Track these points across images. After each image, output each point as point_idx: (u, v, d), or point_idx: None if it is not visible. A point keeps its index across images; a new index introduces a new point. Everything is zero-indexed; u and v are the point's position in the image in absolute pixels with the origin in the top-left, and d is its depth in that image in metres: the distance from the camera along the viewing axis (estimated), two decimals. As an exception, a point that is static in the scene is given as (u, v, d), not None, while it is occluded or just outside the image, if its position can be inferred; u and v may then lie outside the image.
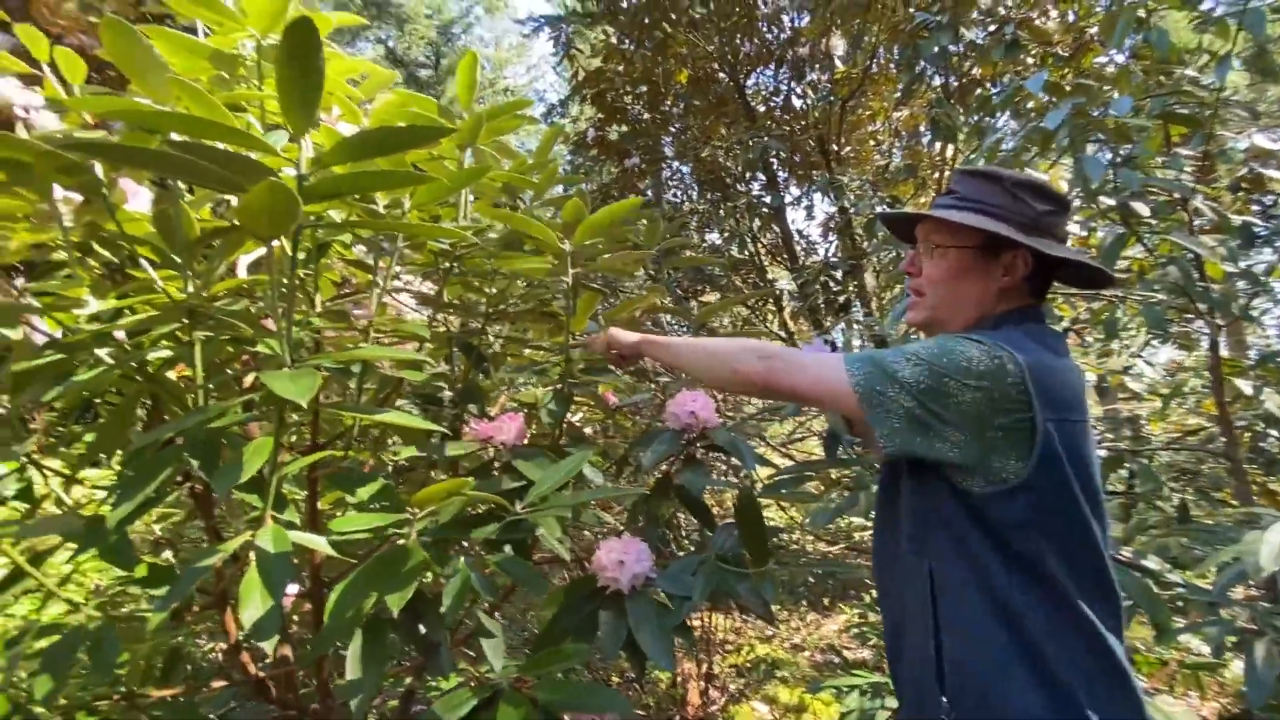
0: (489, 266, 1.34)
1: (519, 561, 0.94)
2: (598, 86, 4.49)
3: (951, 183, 0.98)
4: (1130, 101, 1.33)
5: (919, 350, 0.83)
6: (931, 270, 0.97)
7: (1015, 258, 0.92)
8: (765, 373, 0.91)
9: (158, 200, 0.87)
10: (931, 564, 0.85)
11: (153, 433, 0.74)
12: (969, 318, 0.94)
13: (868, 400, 0.82)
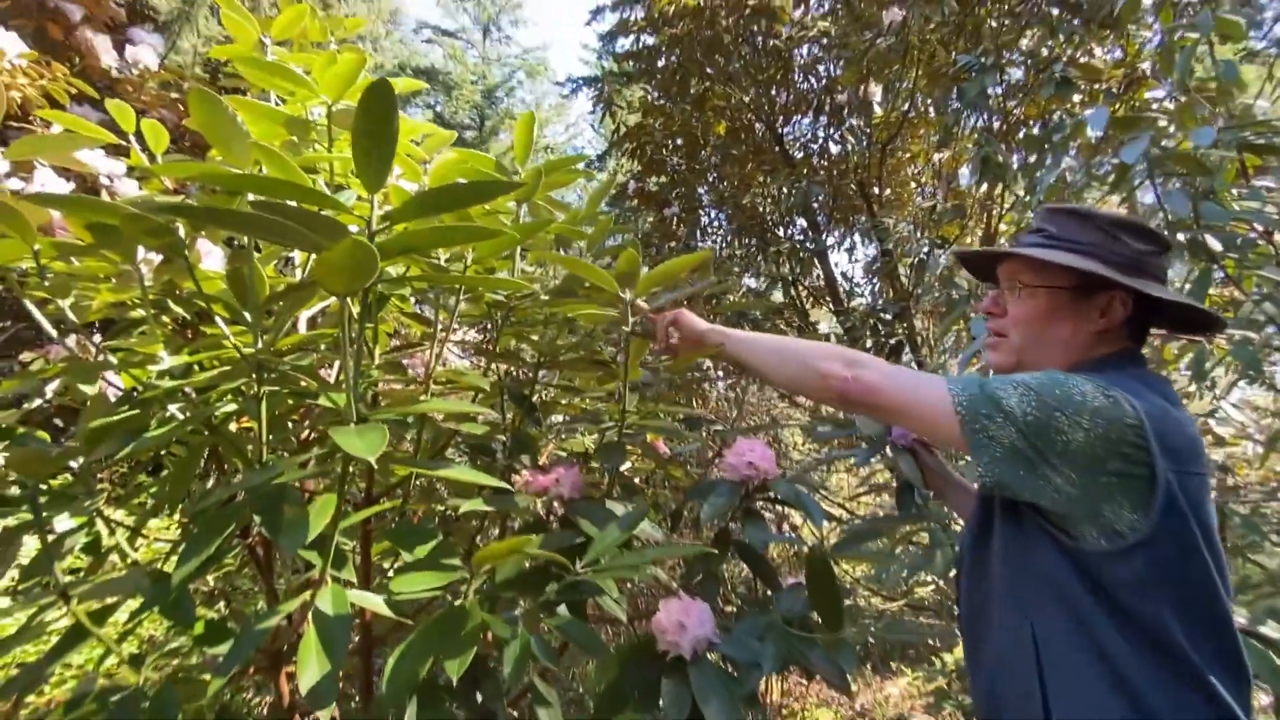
0: (540, 316, 1.35)
1: (578, 624, 0.90)
2: (637, 141, 4.61)
3: (1038, 221, 0.94)
4: (1213, 132, 1.28)
5: (1028, 380, 0.77)
6: (1018, 311, 0.91)
7: (1112, 299, 0.86)
8: (853, 381, 0.84)
9: (232, 259, 0.89)
10: (1035, 626, 0.77)
11: (219, 490, 0.74)
12: (1061, 362, 0.88)
13: (970, 425, 0.76)
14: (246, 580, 2.38)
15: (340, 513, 0.74)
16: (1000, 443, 0.74)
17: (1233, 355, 1.34)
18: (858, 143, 4.15)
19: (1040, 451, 0.73)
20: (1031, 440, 0.73)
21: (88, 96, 2.43)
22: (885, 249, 3.64)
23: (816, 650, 0.98)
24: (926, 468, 1.12)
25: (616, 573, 0.88)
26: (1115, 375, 0.81)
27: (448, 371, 1.15)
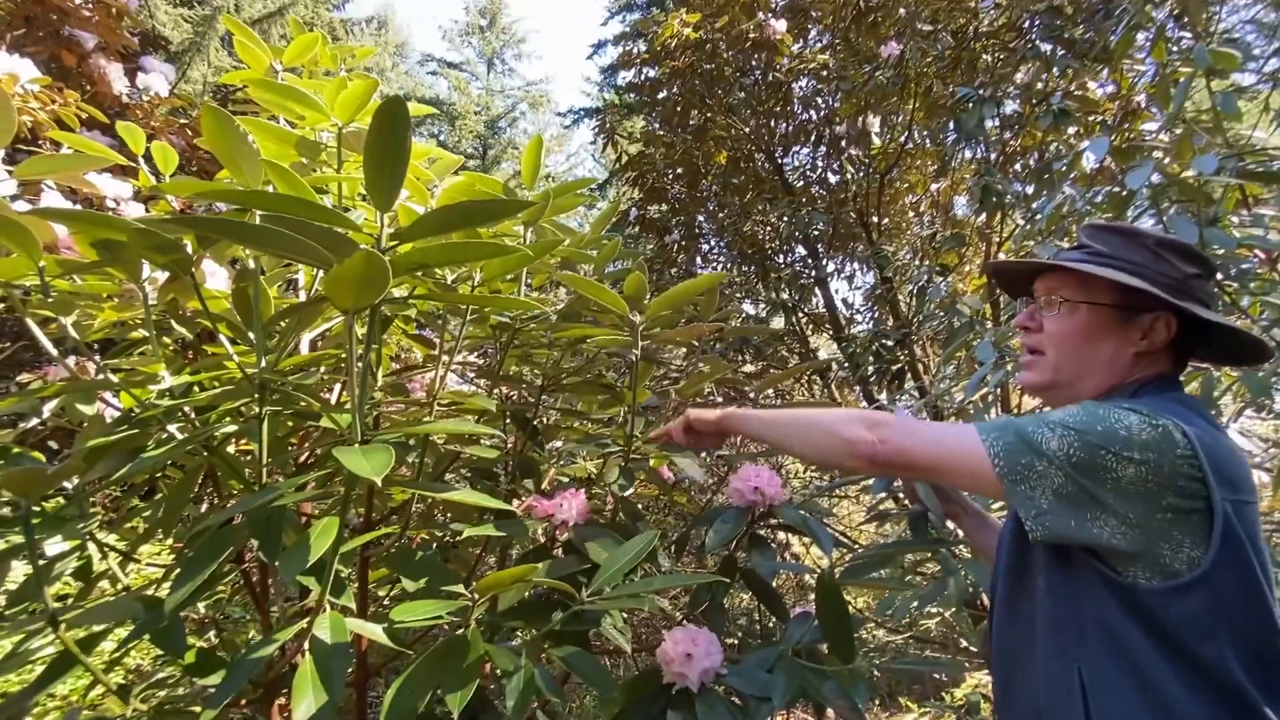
0: (546, 340, 1.34)
1: (585, 655, 0.87)
2: (638, 170, 4.67)
3: (1083, 237, 0.91)
4: (1215, 160, 1.29)
5: (1065, 418, 0.73)
6: (1056, 327, 0.88)
7: (1156, 320, 0.83)
8: (880, 444, 0.80)
9: (238, 278, 0.89)
10: (1082, 669, 0.73)
11: (218, 513, 0.72)
12: (1100, 383, 0.85)
13: (1010, 476, 0.72)
14: (238, 609, 2.32)
15: (341, 537, 0.71)
16: (1045, 492, 0.71)
17: (1242, 382, 1.33)
18: (856, 172, 4.21)
19: (1090, 494, 0.70)
20: (1079, 483, 0.70)
21: (97, 121, 2.46)
22: (885, 276, 3.66)
23: (829, 683, 0.95)
24: (940, 494, 1.10)
25: (623, 602, 0.86)
26: (1155, 400, 0.78)
27: (452, 393, 1.14)
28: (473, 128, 14.47)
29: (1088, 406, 0.75)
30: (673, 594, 2.42)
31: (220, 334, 0.91)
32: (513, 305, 0.92)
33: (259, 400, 0.85)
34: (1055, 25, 2.71)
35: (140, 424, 0.84)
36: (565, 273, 1.10)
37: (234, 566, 1.04)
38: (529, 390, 1.44)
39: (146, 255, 0.75)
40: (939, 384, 2.97)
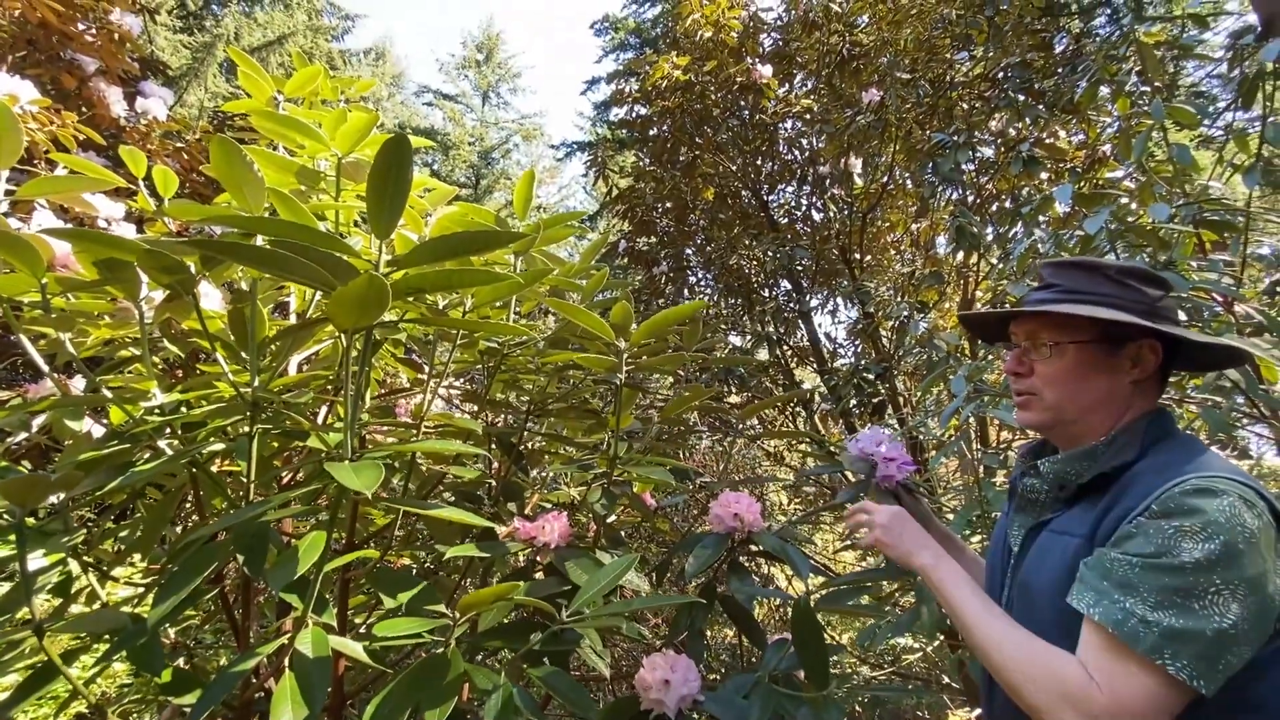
0: (533, 366, 1.37)
1: (562, 675, 0.88)
2: (628, 203, 4.78)
3: (1046, 275, 0.92)
4: (1168, 209, 1.37)
5: (1190, 556, 0.68)
6: (1048, 370, 0.88)
7: (1141, 348, 0.85)
8: (1048, 694, 0.72)
9: (235, 300, 0.91)
10: None
11: (204, 529, 0.74)
12: (1105, 418, 0.86)
13: (1212, 683, 0.66)
14: (209, 634, 2.28)
15: (328, 552, 0.73)
16: (1234, 664, 0.67)
17: (1203, 418, 1.38)
18: (839, 211, 4.34)
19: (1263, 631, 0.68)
20: (1263, 631, 0.68)
21: (94, 143, 2.49)
22: (867, 312, 3.75)
23: (803, 708, 0.96)
24: (912, 513, 1.12)
25: (601, 622, 0.87)
26: (1191, 455, 0.78)
27: (438, 416, 1.16)
28: (466, 158, 14.69)
29: (1219, 541, 0.68)
30: (653, 623, 2.41)
31: (216, 353, 0.93)
32: (502, 330, 0.95)
33: (250, 419, 0.87)
34: (1026, 77, 2.86)
35: (131, 439, 0.85)
36: (554, 299, 1.14)
37: (212, 588, 1.04)
38: (515, 415, 1.46)
39: (152, 275, 0.77)
40: (918, 416, 3.03)
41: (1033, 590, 0.85)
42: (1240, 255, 1.51)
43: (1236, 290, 1.44)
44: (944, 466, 4.01)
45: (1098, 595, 0.72)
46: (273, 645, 0.74)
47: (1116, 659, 0.69)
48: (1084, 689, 0.70)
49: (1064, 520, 0.86)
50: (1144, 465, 0.81)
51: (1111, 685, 0.68)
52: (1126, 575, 0.70)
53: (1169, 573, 0.68)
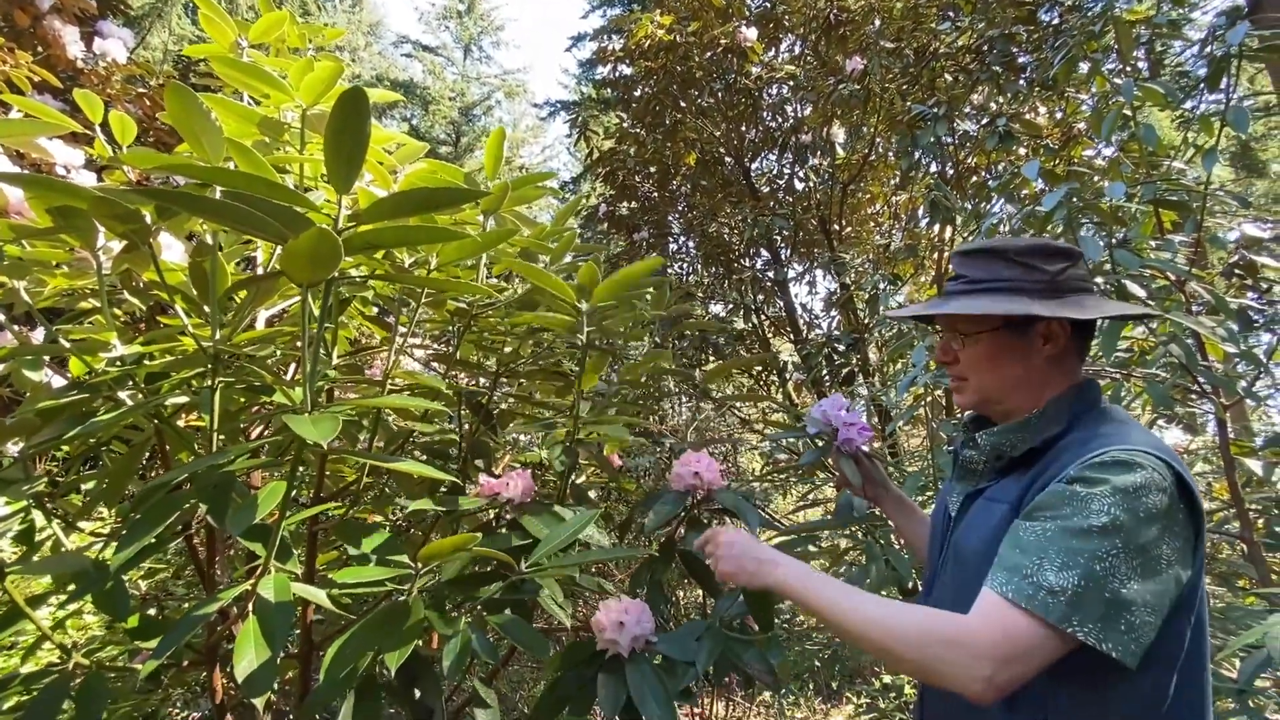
0: (503, 326, 1.38)
1: (521, 623, 0.92)
2: (610, 166, 4.72)
3: (955, 266, 0.97)
4: (1124, 187, 1.40)
5: (1095, 520, 0.72)
6: (968, 357, 0.94)
7: (1050, 326, 0.90)
8: (921, 648, 0.74)
9: (196, 252, 0.91)
10: (1047, 714, 0.77)
11: (166, 475, 0.75)
12: (1027, 396, 0.91)
13: (1098, 636, 0.70)
14: (181, 587, 2.30)
15: (288, 500, 0.75)
16: (1139, 632, 0.71)
17: (1147, 392, 1.45)
18: (820, 181, 4.34)
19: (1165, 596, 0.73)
20: (1163, 598, 0.72)
21: (50, 85, 2.39)
22: (843, 283, 3.79)
23: (750, 649, 1.02)
24: (867, 476, 1.17)
25: (559, 571, 0.91)
26: (1103, 426, 0.83)
27: (404, 374, 1.17)
28: (447, 114, 14.28)
29: (1118, 495, 0.73)
30: (618, 578, 2.49)
31: (176, 306, 0.93)
32: (464, 289, 0.96)
33: (212, 371, 0.87)
34: (1008, 51, 2.86)
35: (90, 389, 0.86)
36: (521, 262, 1.15)
37: (179, 535, 1.06)
38: (485, 376, 1.48)
39: (106, 223, 0.76)
40: (888, 388, 3.10)
41: (964, 555, 0.90)
42: (1195, 236, 1.56)
43: (1188, 271, 1.49)
44: (907, 435, 4.12)
45: (1009, 574, 0.74)
46: (235, 590, 0.76)
47: (1012, 608, 0.72)
48: (965, 628, 0.73)
49: (999, 489, 0.91)
50: (1072, 437, 0.85)
51: (1003, 624, 0.72)
52: (1037, 540, 0.75)
53: (1075, 535, 0.72)
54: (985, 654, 0.70)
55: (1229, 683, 1.11)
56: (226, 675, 1.02)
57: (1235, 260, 1.81)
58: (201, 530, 1.13)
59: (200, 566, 1.07)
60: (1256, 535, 1.58)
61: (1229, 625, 1.40)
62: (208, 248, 0.88)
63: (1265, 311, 1.91)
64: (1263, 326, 1.95)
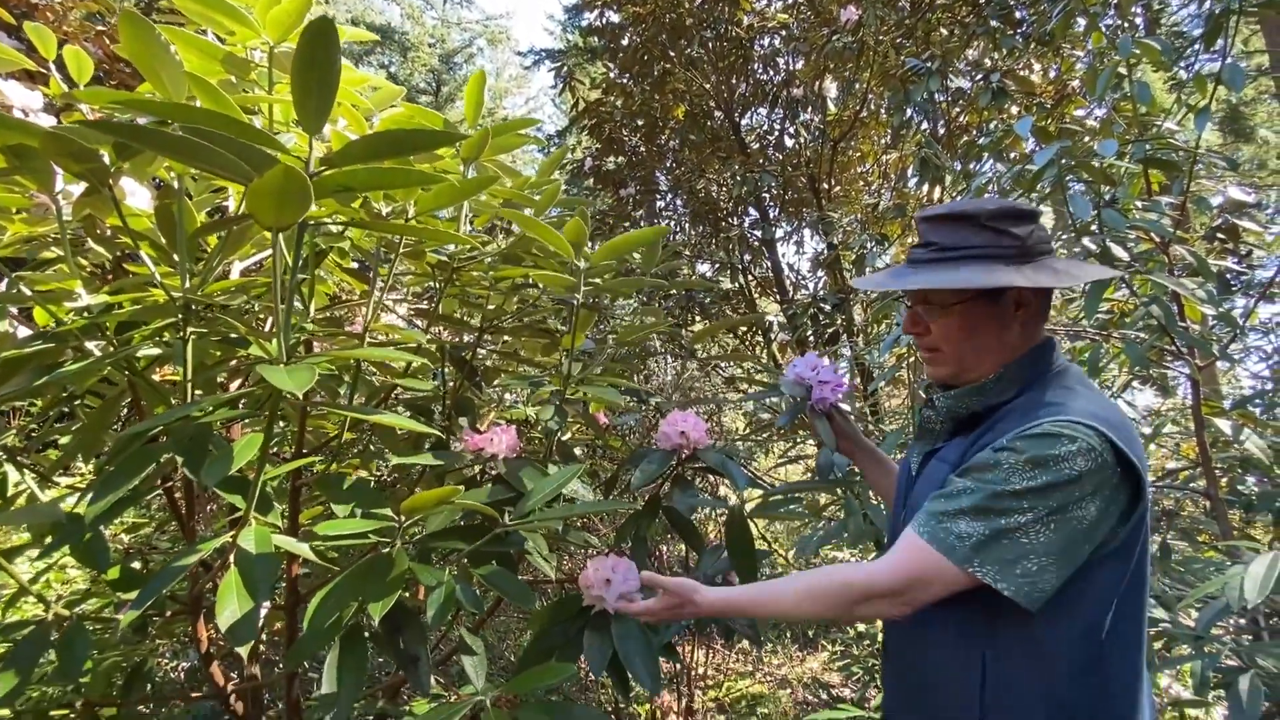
0: (486, 281, 1.35)
1: (505, 574, 0.92)
2: (596, 118, 4.59)
3: (923, 233, 0.93)
4: (1115, 145, 1.39)
5: (1015, 485, 0.77)
6: (941, 329, 0.92)
7: (1021, 292, 0.89)
8: (847, 605, 0.83)
9: (161, 195, 0.87)
10: (987, 652, 0.82)
11: (140, 425, 0.73)
12: (997, 364, 0.91)
13: (994, 576, 0.76)
14: (167, 541, 2.30)
15: (266, 452, 0.74)
16: (1034, 572, 0.76)
17: (1125, 353, 1.47)
18: (811, 138, 4.26)
19: (1074, 545, 0.77)
20: (1067, 548, 0.76)
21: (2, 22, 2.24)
22: (830, 243, 3.76)
23: (732, 605, 1.04)
24: (840, 433, 1.19)
25: (544, 523, 0.91)
26: (1053, 391, 0.85)
27: (384, 327, 1.15)
28: (426, 61, 13.72)
29: (1031, 453, 0.77)
30: (603, 532, 2.53)
31: (142, 253, 0.89)
32: (443, 239, 0.93)
33: (183, 322, 0.84)
34: (1006, 4, 2.78)
35: (56, 339, 0.83)
36: (510, 209, 1.11)
37: (158, 489, 1.05)
38: (469, 332, 1.46)
39: (60, 163, 0.72)
40: (873, 348, 3.13)
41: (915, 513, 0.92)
42: (1181, 199, 1.55)
43: (1173, 233, 1.49)
44: (888, 395, 4.18)
45: (927, 518, 0.81)
46: (215, 542, 0.75)
47: (924, 547, 0.79)
48: (873, 578, 0.81)
49: (949, 449, 0.93)
50: (1018, 403, 0.87)
51: (910, 561, 0.80)
52: (959, 494, 0.80)
53: (993, 497, 0.78)
54: (894, 590, 0.80)
55: (1187, 630, 1.16)
56: (212, 626, 1.02)
57: (1219, 224, 1.82)
58: (180, 484, 1.11)
59: (181, 519, 1.06)
60: (1220, 493, 1.64)
61: (1189, 577, 1.46)
62: (173, 191, 0.84)
63: (1244, 275, 1.94)
64: (1240, 290, 1.98)
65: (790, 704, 3.18)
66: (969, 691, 0.82)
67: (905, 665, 0.94)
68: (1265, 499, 1.53)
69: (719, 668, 3.46)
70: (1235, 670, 1.05)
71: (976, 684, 0.82)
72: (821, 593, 0.84)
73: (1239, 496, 1.71)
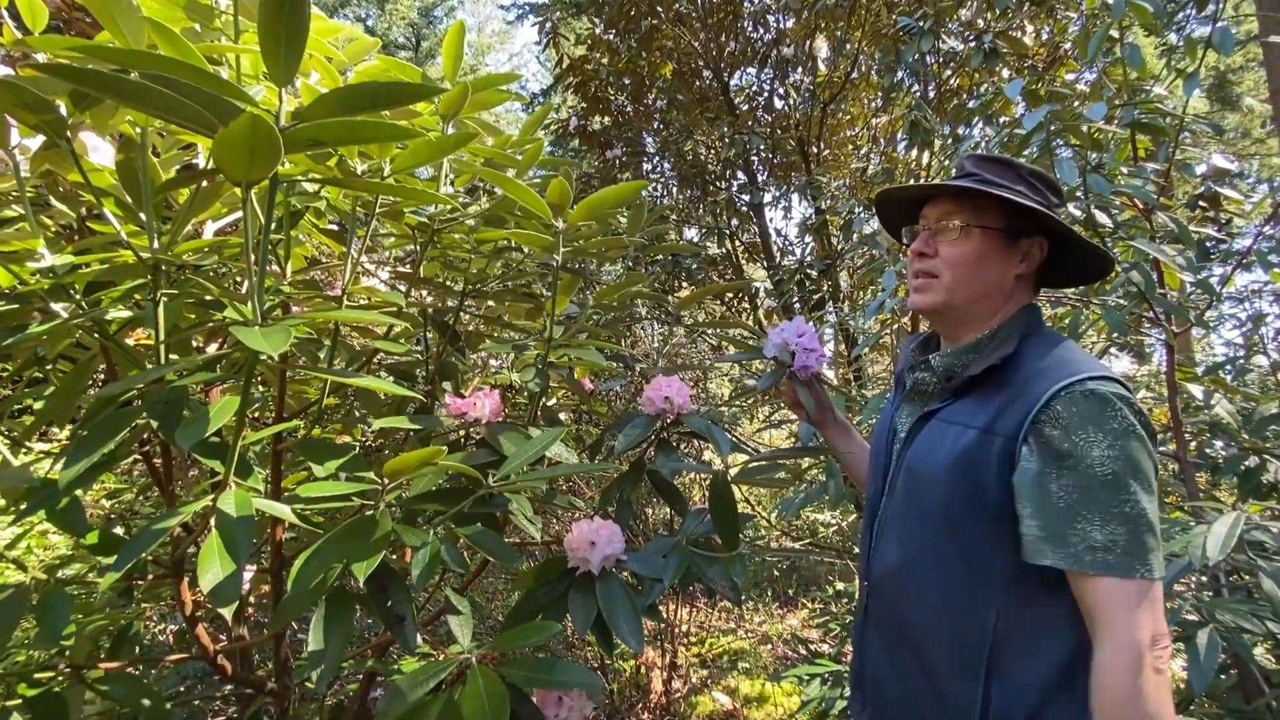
0: (469, 244, 1.32)
1: (490, 535, 0.93)
2: (581, 76, 4.46)
3: (967, 166, 0.95)
4: (1104, 108, 1.38)
5: (1120, 473, 0.77)
6: (951, 252, 0.92)
7: (1033, 246, 0.91)
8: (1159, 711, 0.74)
9: (122, 148, 0.83)
10: (998, 610, 0.83)
11: (112, 387, 0.71)
12: (988, 307, 0.93)
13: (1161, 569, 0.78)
14: (150, 507, 2.29)
15: (244, 416, 0.73)
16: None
17: (1104, 318, 1.48)
18: (800, 100, 4.18)
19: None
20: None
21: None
22: (818, 208, 3.74)
23: (714, 566, 1.06)
24: (819, 400, 1.20)
25: (527, 485, 0.92)
26: (1061, 350, 0.86)
27: (362, 289, 1.12)
28: (405, 14, 13.23)
29: (1124, 450, 0.77)
30: (588, 495, 2.57)
31: (107, 211, 0.86)
32: (421, 198, 0.91)
33: (153, 283, 0.82)
34: (1001, -39, 2.71)
35: (20, 300, 0.80)
36: (488, 169, 1.08)
37: (135, 453, 1.03)
38: (451, 296, 1.43)
39: (13, 113, 0.69)
40: (859, 314, 3.14)
41: (920, 474, 0.92)
42: (1168, 163, 1.55)
43: (1156, 200, 1.50)
44: (870, 361, 4.22)
45: (1057, 544, 0.78)
46: (195, 505, 0.75)
47: (1115, 598, 0.76)
48: (1129, 668, 0.74)
49: (954, 411, 0.92)
50: (1029, 363, 0.87)
51: (1130, 629, 0.75)
52: (1069, 504, 0.78)
53: (1102, 486, 0.77)
54: (1150, 646, 0.74)
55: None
56: (196, 589, 1.03)
57: (1201, 191, 1.83)
58: (158, 448, 1.10)
59: (161, 484, 1.05)
60: (1189, 456, 1.68)
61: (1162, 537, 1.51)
62: (135, 144, 0.81)
63: (1223, 243, 1.96)
64: (1219, 258, 2.00)
65: (770, 658, 3.29)
66: (975, 653, 0.83)
67: (897, 628, 0.94)
68: (1232, 462, 1.57)
69: (702, 625, 3.56)
70: (1195, 625, 1.10)
71: (985, 645, 0.82)
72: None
73: (1207, 460, 1.76)
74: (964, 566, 0.85)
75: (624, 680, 2.86)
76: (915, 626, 0.91)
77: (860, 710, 1.02)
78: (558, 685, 0.88)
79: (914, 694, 0.90)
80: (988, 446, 0.84)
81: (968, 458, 0.85)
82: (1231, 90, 12.85)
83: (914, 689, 0.90)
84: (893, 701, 0.93)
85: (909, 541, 0.92)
